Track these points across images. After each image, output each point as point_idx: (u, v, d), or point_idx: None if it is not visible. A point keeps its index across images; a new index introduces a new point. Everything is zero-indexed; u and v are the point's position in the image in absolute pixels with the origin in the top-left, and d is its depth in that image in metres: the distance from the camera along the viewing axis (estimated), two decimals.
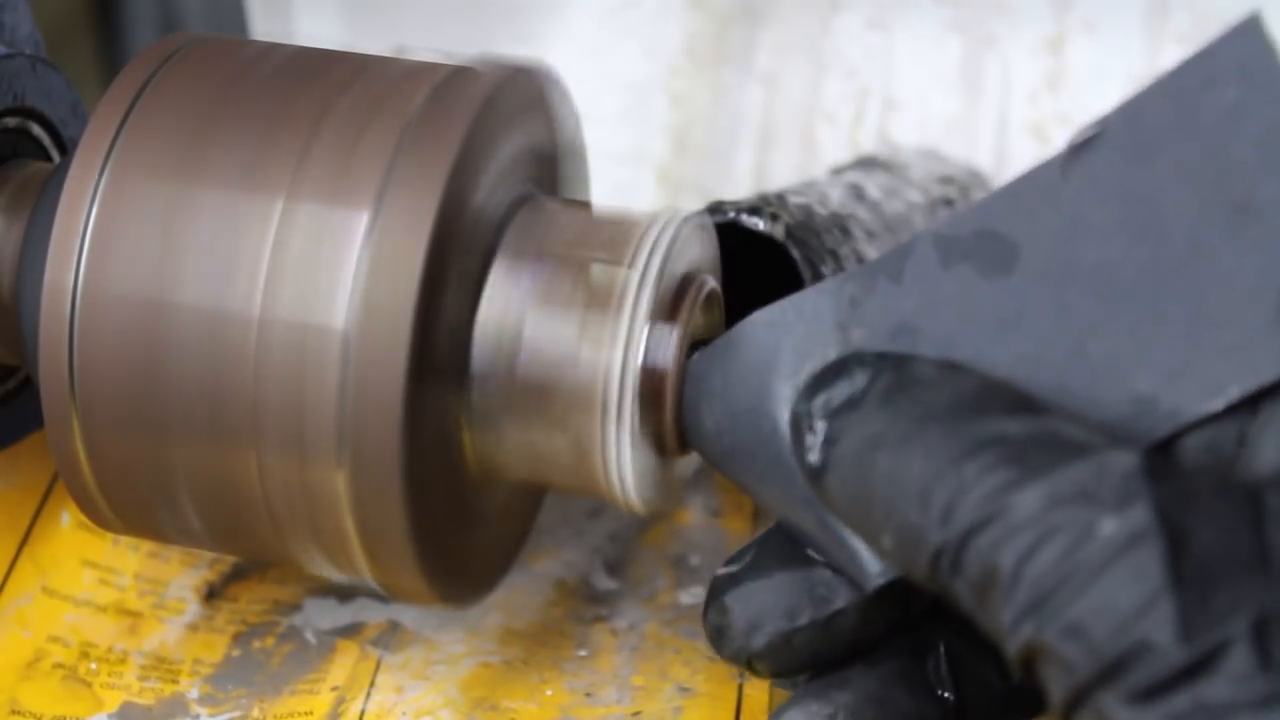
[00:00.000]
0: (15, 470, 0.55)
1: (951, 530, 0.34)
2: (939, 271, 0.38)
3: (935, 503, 0.34)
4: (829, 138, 0.72)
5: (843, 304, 0.40)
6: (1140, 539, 0.32)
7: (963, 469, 0.34)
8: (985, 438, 0.34)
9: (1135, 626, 0.31)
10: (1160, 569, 0.31)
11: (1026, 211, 0.37)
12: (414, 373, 0.41)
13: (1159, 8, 0.67)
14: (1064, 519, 0.32)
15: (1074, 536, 0.32)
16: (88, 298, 0.43)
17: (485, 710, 0.48)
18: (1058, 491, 0.33)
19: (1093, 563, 0.32)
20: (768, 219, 0.51)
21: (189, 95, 0.44)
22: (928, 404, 0.36)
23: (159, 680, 0.50)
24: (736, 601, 0.41)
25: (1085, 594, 0.32)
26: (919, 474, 0.34)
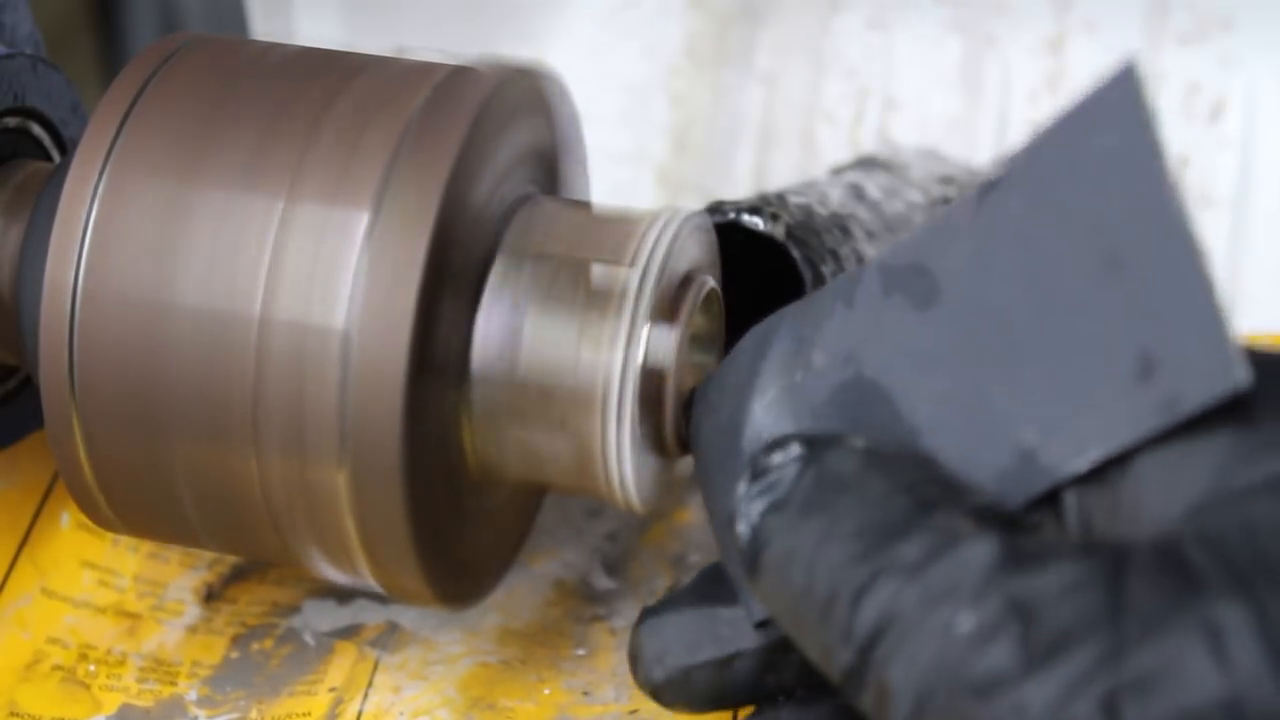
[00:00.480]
0: (15, 470, 0.55)
1: (851, 649, 0.34)
2: (881, 300, 0.38)
3: (836, 623, 0.34)
4: (829, 138, 0.72)
5: (808, 325, 0.40)
6: (994, 630, 0.32)
7: (857, 587, 0.34)
8: (881, 555, 0.34)
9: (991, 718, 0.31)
10: (1010, 659, 0.31)
11: (946, 248, 0.37)
12: (414, 373, 0.41)
13: (1159, 8, 0.67)
14: (932, 621, 0.32)
15: (939, 637, 0.32)
16: (88, 297, 0.43)
17: (483, 709, 0.48)
18: (930, 594, 0.33)
19: (955, 665, 0.32)
20: (768, 219, 0.51)
21: (189, 95, 0.44)
22: (837, 515, 0.36)
23: (157, 682, 0.50)
24: (647, 632, 0.42)
25: (953, 693, 0.32)
26: (824, 594, 0.35)
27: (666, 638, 0.42)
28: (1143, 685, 0.30)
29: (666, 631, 0.42)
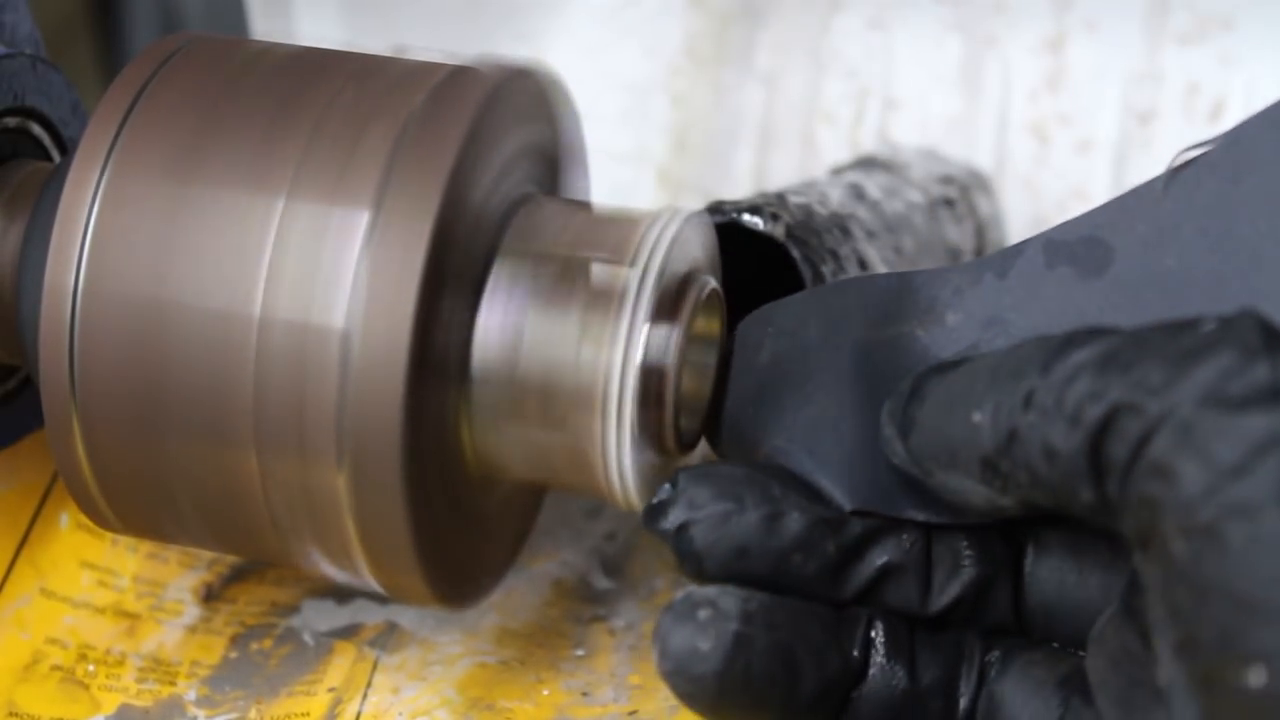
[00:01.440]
0: (15, 470, 0.55)
1: (1080, 429, 0.34)
2: (1043, 271, 0.41)
3: (1059, 405, 0.35)
4: (829, 138, 0.72)
5: (945, 288, 0.42)
6: (1253, 356, 0.33)
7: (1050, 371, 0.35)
8: (1074, 357, 0.35)
9: (1256, 430, 0.32)
10: (1271, 377, 0.32)
11: (1127, 221, 0.40)
12: (414, 373, 0.40)
13: (1159, 8, 0.67)
14: (1195, 358, 0.33)
15: (1220, 375, 0.33)
16: (88, 298, 0.43)
17: (481, 710, 0.48)
18: (1163, 353, 0.34)
19: (1214, 385, 0.33)
20: (768, 219, 0.51)
21: (189, 95, 0.44)
22: (1009, 354, 0.37)
23: (157, 682, 0.50)
24: (689, 480, 0.40)
25: (1207, 414, 0.32)
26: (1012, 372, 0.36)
27: (710, 486, 0.40)
28: None
29: (711, 480, 0.40)
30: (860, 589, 0.40)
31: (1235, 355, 0.33)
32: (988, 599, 0.41)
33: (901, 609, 0.40)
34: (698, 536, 0.40)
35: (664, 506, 0.41)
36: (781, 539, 0.40)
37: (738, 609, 0.39)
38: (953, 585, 0.40)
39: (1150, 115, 0.68)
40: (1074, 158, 0.69)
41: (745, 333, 0.45)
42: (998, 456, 0.36)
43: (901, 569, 0.40)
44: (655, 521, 0.41)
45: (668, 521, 0.40)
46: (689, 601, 0.39)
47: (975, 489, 0.38)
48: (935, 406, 0.39)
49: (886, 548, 0.40)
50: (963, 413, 0.37)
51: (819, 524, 0.40)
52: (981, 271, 0.42)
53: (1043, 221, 0.68)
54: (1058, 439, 0.35)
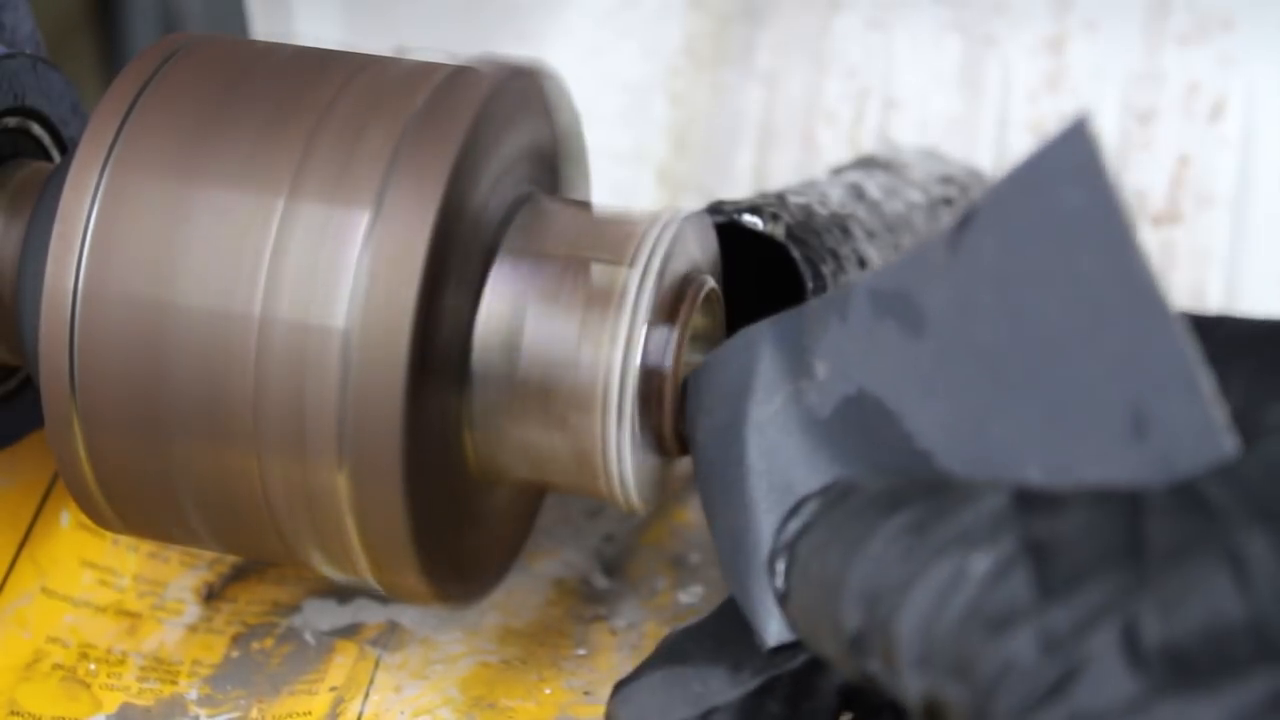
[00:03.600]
0: (15, 470, 0.55)
1: (859, 610, 0.34)
2: (872, 319, 0.39)
3: (846, 590, 0.34)
4: (829, 138, 0.72)
5: (807, 334, 0.41)
6: (1009, 566, 0.31)
7: (868, 552, 0.34)
8: (890, 523, 0.34)
9: (1002, 653, 0.31)
10: (1027, 591, 0.31)
11: (927, 281, 0.37)
12: (414, 373, 0.41)
13: (1159, 8, 0.67)
14: (943, 568, 0.32)
15: (951, 581, 0.32)
16: (88, 298, 0.43)
17: (483, 709, 0.48)
18: (940, 543, 0.33)
19: (968, 602, 0.32)
20: (768, 219, 0.51)
21: (189, 95, 0.44)
22: (852, 510, 0.36)
23: (158, 681, 0.50)
24: (620, 703, 0.41)
25: (963, 634, 0.31)
26: (836, 568, 0.35)
27: (640, 704, 0.41)
28: (1165, 608, 0.30)
29: (639, 697, 0.41)
30: (831, 715, 0.39)
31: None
32: None
33: (887, 702, 0.39)
34: None
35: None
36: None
37: None
38: None
39: (1150, 115, 0.68)
40: None
41: (690, 420, 0.44)
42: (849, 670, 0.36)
43: (859, 687, 0.39)
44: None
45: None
46: None
47: (845, 668, 0.37)
48: (802, 588, 0.37)
49: (835, 673, 0.39)
50: (826, 623, 0.36)
51: (750, 698, 0.39)
52: (829, 313, 0.40)
53: None
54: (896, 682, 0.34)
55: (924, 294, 0.37)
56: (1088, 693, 0.30)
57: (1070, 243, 0.34)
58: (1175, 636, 0.30)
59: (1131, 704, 0.30)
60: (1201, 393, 0.33)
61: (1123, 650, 0.30)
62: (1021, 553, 0.32)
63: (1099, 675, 0.30)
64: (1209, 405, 0.33)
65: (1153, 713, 0.29)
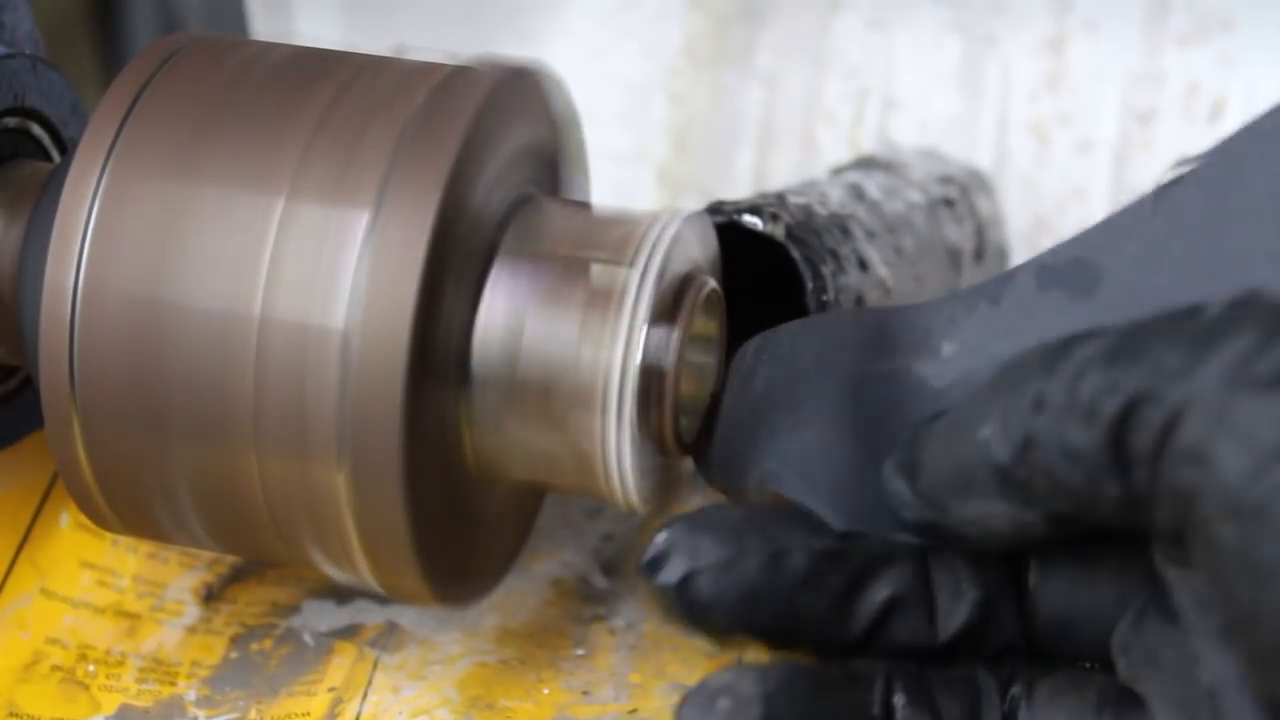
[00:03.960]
0: (15, 470, 0.55)
1: (1098, 424, 0.34)
2: (1035, 295, 0.41)
3: (1076, 407, 0.34)
4: (829, 138, 0.72)
5: (940, 320, 0.42)
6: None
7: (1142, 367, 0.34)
8: (1085, 348, 0.35)
9: None
10: None
11: (1116, 241, 0.40)
12: (414, 373, 0.41)
13: (1159, 8, 0.67)
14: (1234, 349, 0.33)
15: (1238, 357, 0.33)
16: (88, 298, 0.43)
17: (482, 709, 0.48)
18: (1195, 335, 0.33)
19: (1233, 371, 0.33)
20: (768, 219, 0.51)
21: (189, 95, 0.44)
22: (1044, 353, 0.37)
23: (157, 682, 0.50)
24: (685, 530, 0.39)
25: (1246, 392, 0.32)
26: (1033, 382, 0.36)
27: (706, 533, 0.38)
28: None
29: (706, 527, 0.39)
30: (868, 625, 0.39)
31: (1254, 335, 0.32)
32: (994, 620, 0.40)
33: (911, 643, 0.39)
34: (704, 586, 0.38)
35: (661, 559, 0.39)
36: (787, 579, 0.38)
37: (758, 691, 0.37)
38: (958, 611, 0.39)
39: (1150, 115, 0.68)
40: (1074, 158, 0.69)
41: (739, 361, 0.45)
42: (1014, 466, 0.36)
43: (906, 600, 0.39)
44: (655, 574, 0.39)
45: (668, 574, 0.38)
46: (706, 691, 0.37)
47: (996, 510, 0.37)
48: (939, 439, 0.38)
49: (888, 580, 0.39)
50: (969, 433, 0.37)
51: (822, 558, 0.39)
52: (976, 299, 0.42)
53: (1043, 221, 0.69)
54: (1076, 437, 0.34)
55: (1107, 255, 0.40)
56: None
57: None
58: None
59: None
60: None
61: None
62: None
63: None
64: None
65: None
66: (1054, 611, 0.40)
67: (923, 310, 0.43)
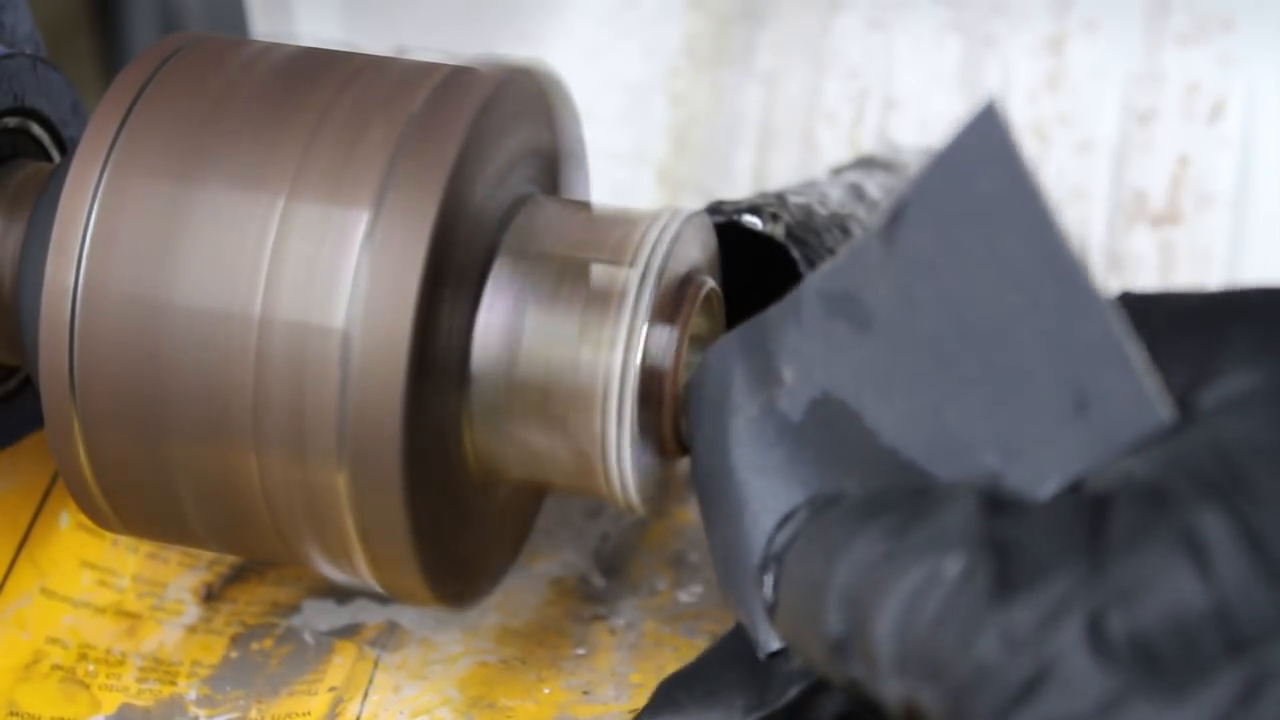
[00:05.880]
0: (15, 470, 0.55)
1: (840, 615, 0.34)
2: (825, 321, 0.39)
3: (829, 595, 0.34)
4: (829, 138, 0.72)
5: (772, 338, 0.41)
6: (973, 568, 0.31)
7: (849, 557, 0.34)
8: (870, 529, 0.34)
9: (973, 655, 0.31)
10: (990, 591, 0.31)
11: (868, 279, 0.38)
12: (414, 373, 0.41)
13: (1159, 8, 0.67)
14: (917, 571, 0.32)
15: (925, 584, 0.32)
16: (88, 298, 0.43)
17: (482, 709, 0.48)
18: (916, 547, 0.33)
19: (940, 604, 0.32)
20: (768, 219, 0.51)
21: (189, 95, 0.44)
22: (835, 518, 0.36)
23: (157, 682, 0.50)
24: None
25: (936, 636, 0.31)
26: (820, 574, 0.35)
27: None
28: (1126, 598, 0.30)
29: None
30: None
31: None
32: None
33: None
34: None
35: None
36: None
37: None
38: None
39: (1150, 115, 0.68)
40: (1074, 158, 0.69)
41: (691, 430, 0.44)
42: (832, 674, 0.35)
43: (855, 715, 0.39)
44: None
45: None
46: None
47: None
48: (784, 615, 0.37)
49: (833, 698, 0.39)
50: (809, 629, 0.36)
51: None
52: (785, 318, 0.40)
53: None
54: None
55: (867, 291, 0.38)
56: (1058, 693, 0.30)
57: (994, 229, 0.35)
58: (1141, 627, 0.30)
59: (1102, 704, 0.29)
60: (1133, 366, 0.33)
61: (1089, 645, 0.30)
62: (984, 554, 0.32)
63: (1068, 674, 0.30)
64: (1141, 377, 0.33)
65: (1125, 714, 0.29)
66: None
67: (766, 321, 0.41)
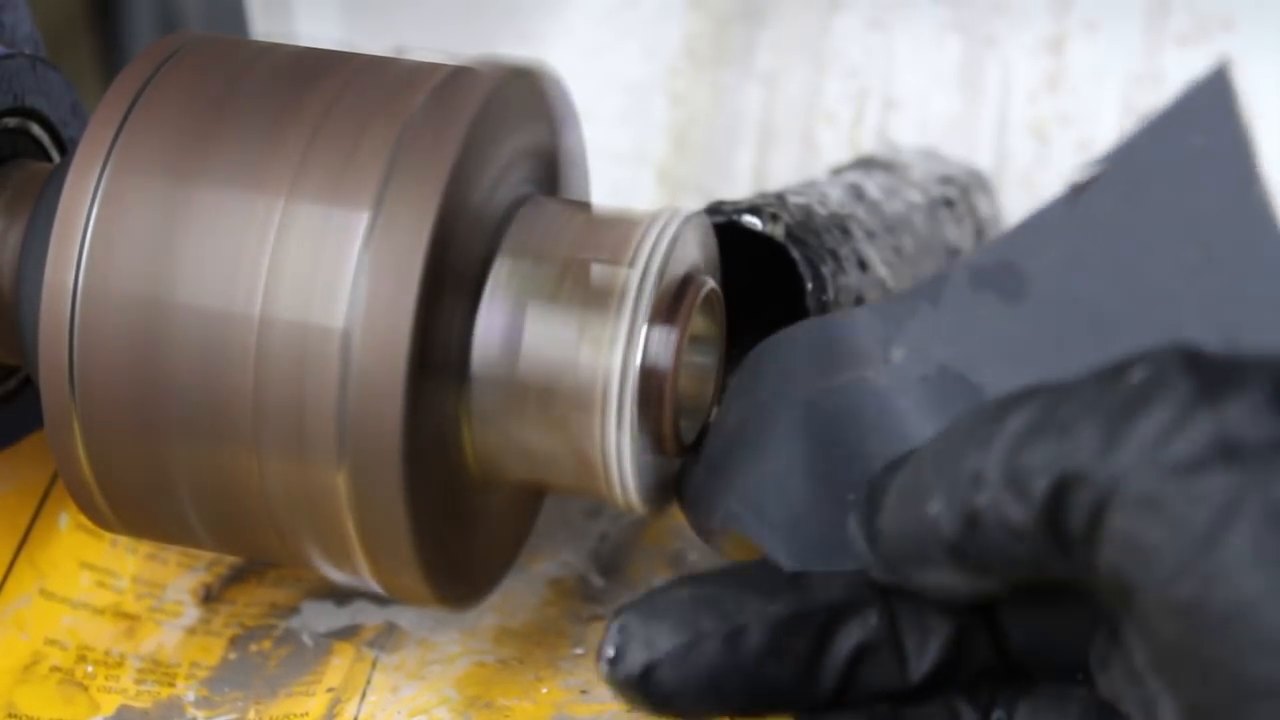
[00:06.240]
0: (14, 471, 0.54)
1: (1030, 502, 0.33)
2: (969, 296, 0.40)
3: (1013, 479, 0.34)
4: (829, 138, 0.72)
5: (890, 325, 0.42)
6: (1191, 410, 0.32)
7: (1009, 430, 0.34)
8: (1021, 412, 0.34)
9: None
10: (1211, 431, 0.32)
11: (1038, 244, 0.39)
12: (414, 373, 0.40)
13: (1159, 8, 0.67)
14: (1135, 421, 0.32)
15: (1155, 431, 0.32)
16: (88, 298, 0.43)
17: (480, 708, 0.48)
18: (1116, 402, 0.33)
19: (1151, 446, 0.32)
20: (767, 219, 0.51)
21: (189, 95, 0.44)
22: (981, 414, 0.36)
23: (156, 683, 0.50)
24: (638, 619, 0.38)
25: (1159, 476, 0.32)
26: (979, 462, 0.35)
27: (660, 619, 0.37)
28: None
29: (660, 614, 0.38)
30: (838, 679, 0.38)
31: (1171, 410, 0.32)
32: (968, 650, 0.39)
33: (884, 688, 0.38)
34: (666, 677, 0.37)
35: (620, 653, 0.37)
36: (749, 655, 0.37)
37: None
38: (930, 649, 0.38)
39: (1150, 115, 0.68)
40: (1074, 158, 0.69)
41: (729, 388, 0.45)
42: (963, 543, 0.35)
43: (874, 647, 0.38)
44: (616, 671, 0.37)
45: (628, 668, 0.37)
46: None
47: (953, 580, 0.36)
48: (892, 509, 0.37)
49: (853, 630, 0.38)
50: (917, 508, 0.36)
51: (781, 625, 0.38)
52: (917, 301, 0.42)
53: None
54: (1014, 515, 0.34)
55: (1031, 259, 0.39)
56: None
57: (1195, 182, 0.36)
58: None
59: None
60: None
61: None
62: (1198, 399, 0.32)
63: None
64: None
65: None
66: (1028, 631, 0.39)
67: (869, 315, 0.42)
